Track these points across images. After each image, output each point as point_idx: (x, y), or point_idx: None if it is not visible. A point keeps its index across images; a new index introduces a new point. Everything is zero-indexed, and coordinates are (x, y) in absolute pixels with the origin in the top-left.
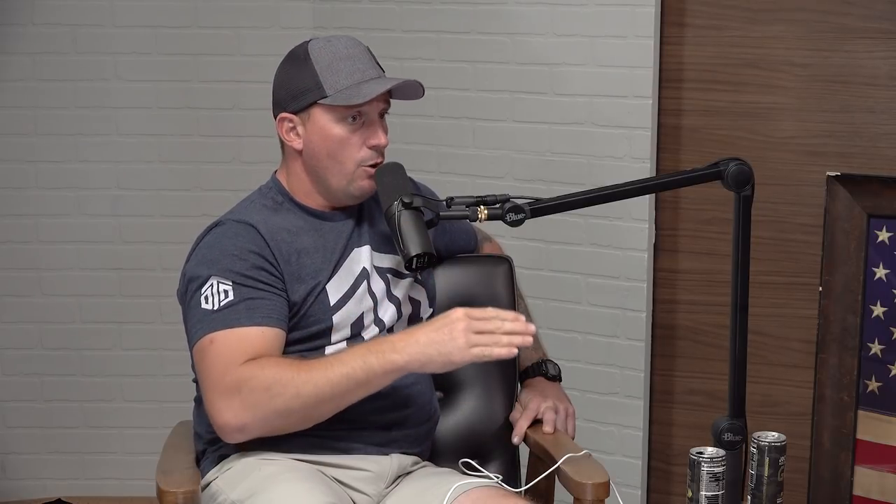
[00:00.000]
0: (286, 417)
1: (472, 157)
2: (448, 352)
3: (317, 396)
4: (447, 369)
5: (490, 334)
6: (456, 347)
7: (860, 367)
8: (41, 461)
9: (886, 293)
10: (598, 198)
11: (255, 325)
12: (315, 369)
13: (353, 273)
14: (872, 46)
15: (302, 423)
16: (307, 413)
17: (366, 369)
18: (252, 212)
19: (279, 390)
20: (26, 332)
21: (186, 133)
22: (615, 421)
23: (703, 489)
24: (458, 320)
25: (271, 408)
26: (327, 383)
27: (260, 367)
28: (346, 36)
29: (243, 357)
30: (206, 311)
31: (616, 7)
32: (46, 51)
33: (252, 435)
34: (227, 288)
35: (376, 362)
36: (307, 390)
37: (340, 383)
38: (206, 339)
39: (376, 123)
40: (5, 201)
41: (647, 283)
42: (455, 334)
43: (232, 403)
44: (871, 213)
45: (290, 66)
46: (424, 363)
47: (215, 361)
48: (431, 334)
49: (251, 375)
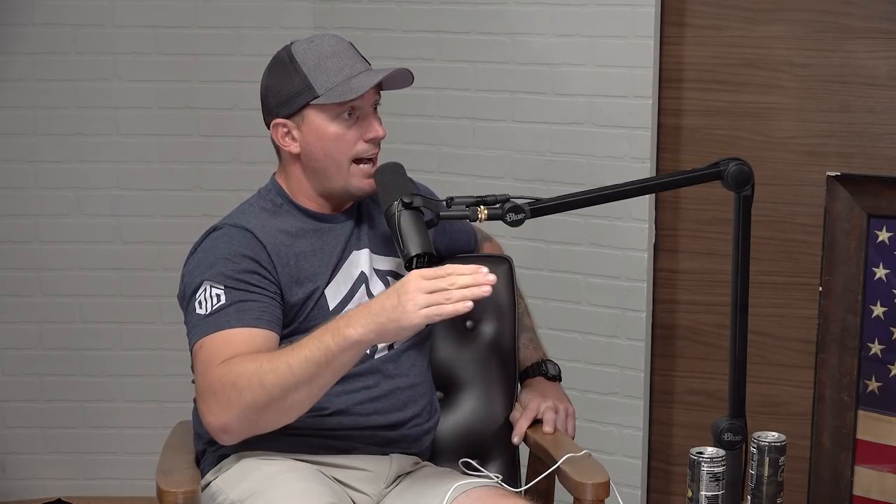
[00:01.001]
0: (260, 411)
1: (472, 157)
2: (397, 318)
3: (280, 385)
4: (402, 336)
5: (442, 291)
6: (404, 312)
7: (860, 367)
8: (41, 461)
9: (886, 293)
10: (598, 198)
11: (243, 326)
12: (277, 358)
13: (352, 277)
14: (872, 46)
15: (279, 415)
16: (278, 404)
17: (323, 348)
18: (250, 216)
19: (244, 384)
20: (26, 332)
21: (186, 133)
22: (615, 421)
23: (703, 489)
24: (407, 282)
25: (242, 403)
26: (287, 370)
27: (228, 365)
28: (328, 34)
29: (223, 357)
30: (200, 315)
31: (616, 7)
32: (46, 51)
33: (238, 435)
34: (219, 292)
35: (331, 340)
36: (269, 380)
37: (301, 367)
38: (197, 344)
39: (370, 116)
40: (5, 201)
41: (647, 283)
42: (404, 298)
43: (211, 405)
44: (871, 213)
45: (276, 71)
46: (379, 332)
47: (202, 364)
48: (382, 301)
49: (221, 374)
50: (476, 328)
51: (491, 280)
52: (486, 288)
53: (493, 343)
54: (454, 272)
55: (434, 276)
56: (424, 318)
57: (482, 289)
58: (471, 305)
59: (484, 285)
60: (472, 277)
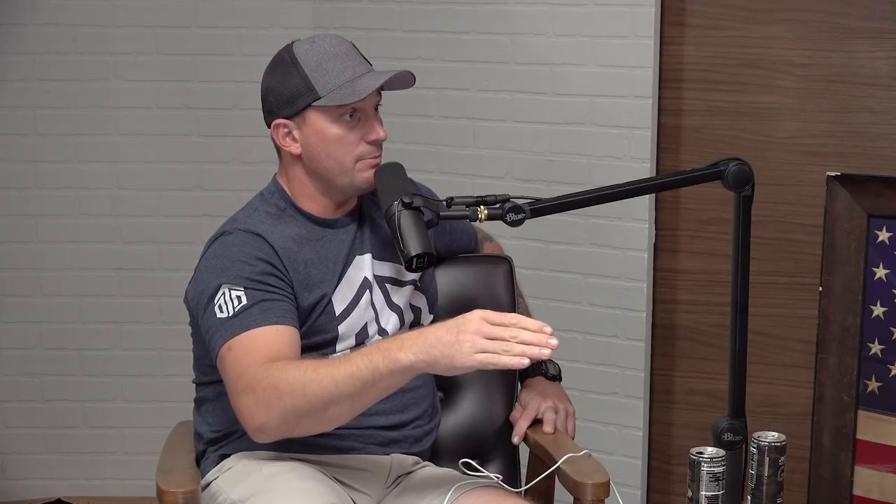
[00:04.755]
0: (299, 418)
1: (472, 157)
2: (451, 355)
3: (322, 396)
4: (452, 374)
5: (502, 341)
6: (459, 351)
7: (860, 367)
8: (41, 461)
9: (886, 293)
10: (598, 198)
11: (270, 324)
12: (322, 368)
13: (356, 283)
14: (872, 46)
15: (317, 424)
16: (317, 414)
17: (371, 368)
18: (257, 220)
19: (286, 389)
20: (26, 332)
21: (186, 133)
22: (615, 421)
23: (703, 489)
24: (470, 321)
25: (281, 407)
26: (332, 382)
27: (272, 368)
28: (329, 34)
29: (260, 356)
30: (222, 319)
31: (616, 7)
32: (46, 51)
33: (273, 436)
34: (239, 294)
35: (381, 361)
36: (312, 389)
37: (346, 382)
38: (224, 346)
39: (372, 118)
40: (5, 201)
41: (647, 283)
42: (462, 337)
43: (248, 403)
44: (871, 213)
45: (277, 71)
46: (430, 364)
47: (235, 364)
48: (441, 333)
49: (263, 376)
50: None
51: (553, 344)
52: (546, 351)
53: None
54: (518, 324)
55: (498, 321)
56: (478, 364)
57: (542, 351)
58: (527, 363)
59: (545, 348)
60: (535, 336)
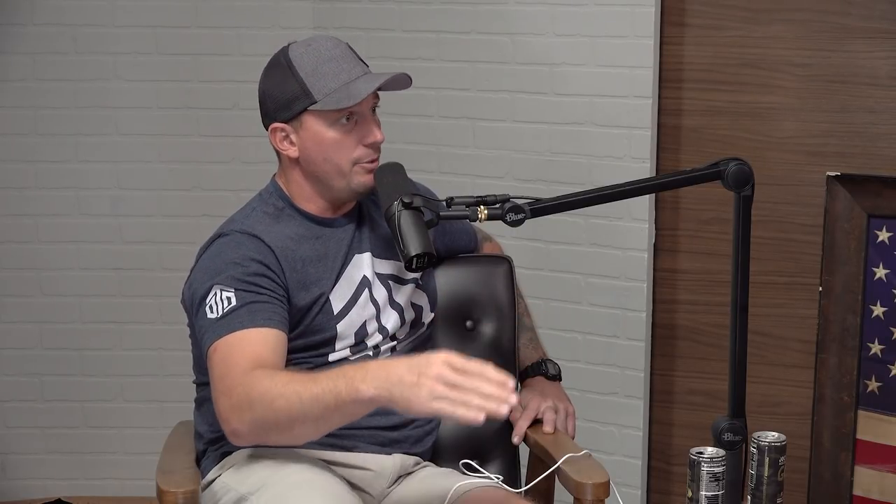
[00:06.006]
0: (267, 430)
1: (472, 157)
2: (408, 397)
3: (288, 412)
4: (408, 415)
5: (462, 391)
6: (417, 395)
7: (860, 367)
8: (41, 461)
9: (886, 293)
10: (598, 198)
11: (255, 326)
12: (293, 384)
13: (355, 281)
14: (872, 46)
15: (286, 438)
16: (284, 429)
17: (334, 393)
18: (254, 221)
19: (257, 399)
20: (26, 332)
21: (186, 133)
22: (615, 421)
23: (703, 489)
24: (432, 364)
25: (251, 416)
26: (298, 400)
27: (250, 376)
28: (325, 36)
29: (243, 358)
30: (212, 320)
31: (616, 7)
32: (46, 51)
33: (248, 440)
34: (229, 295)
35: (344, 388)
36: (279, 404)
37: (310, 403)
38: (211, 347)
39: (369, 120)
40: (5, 201)
41: (647, 283)
42: (423, 381)
43: (225, 406)
44: (871, 213)
45: (273, 74)
46: (390, 400)
47: (219, 365)
48: (402, 372)
49: (240, 382)
50: (476, 328)
51: (512, 401)
52: (504, 408)
53: (493, 343)
54: (482, 375)
55: (461, 369)
56: (434, 412)
57: (501, 408)
58: (482, 420)
59: (504, 404)
60: (496, 390)
